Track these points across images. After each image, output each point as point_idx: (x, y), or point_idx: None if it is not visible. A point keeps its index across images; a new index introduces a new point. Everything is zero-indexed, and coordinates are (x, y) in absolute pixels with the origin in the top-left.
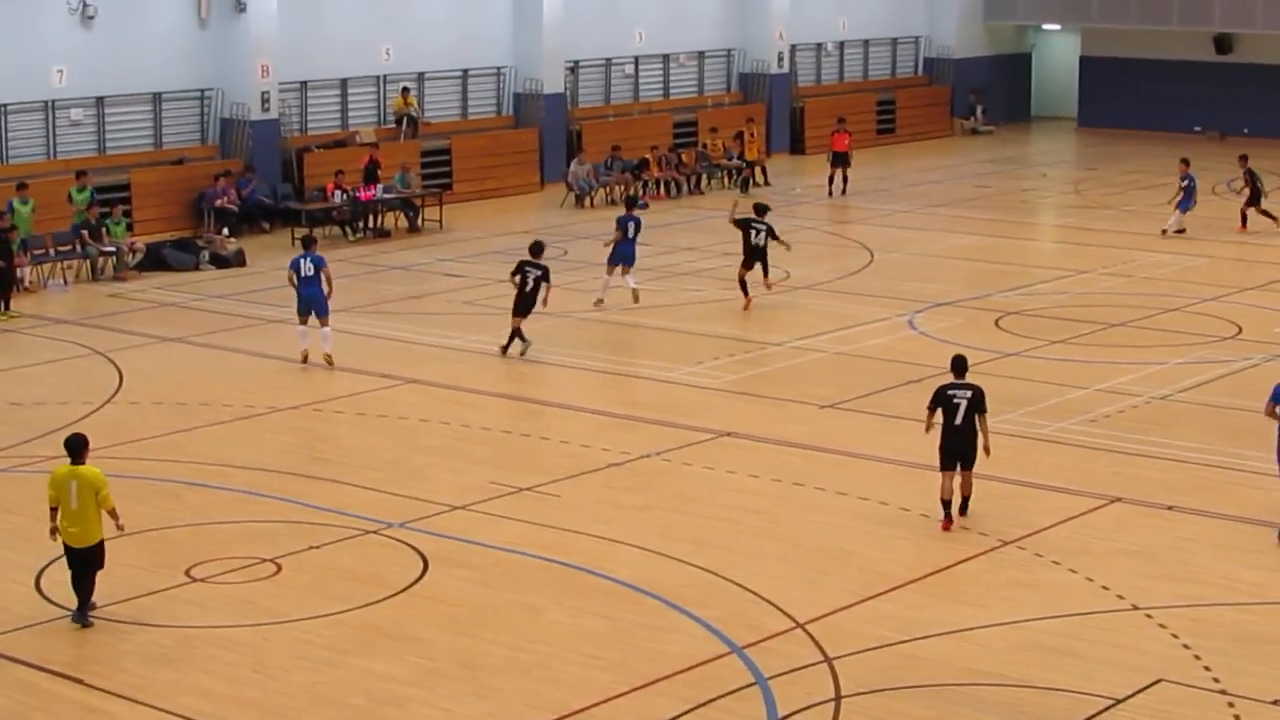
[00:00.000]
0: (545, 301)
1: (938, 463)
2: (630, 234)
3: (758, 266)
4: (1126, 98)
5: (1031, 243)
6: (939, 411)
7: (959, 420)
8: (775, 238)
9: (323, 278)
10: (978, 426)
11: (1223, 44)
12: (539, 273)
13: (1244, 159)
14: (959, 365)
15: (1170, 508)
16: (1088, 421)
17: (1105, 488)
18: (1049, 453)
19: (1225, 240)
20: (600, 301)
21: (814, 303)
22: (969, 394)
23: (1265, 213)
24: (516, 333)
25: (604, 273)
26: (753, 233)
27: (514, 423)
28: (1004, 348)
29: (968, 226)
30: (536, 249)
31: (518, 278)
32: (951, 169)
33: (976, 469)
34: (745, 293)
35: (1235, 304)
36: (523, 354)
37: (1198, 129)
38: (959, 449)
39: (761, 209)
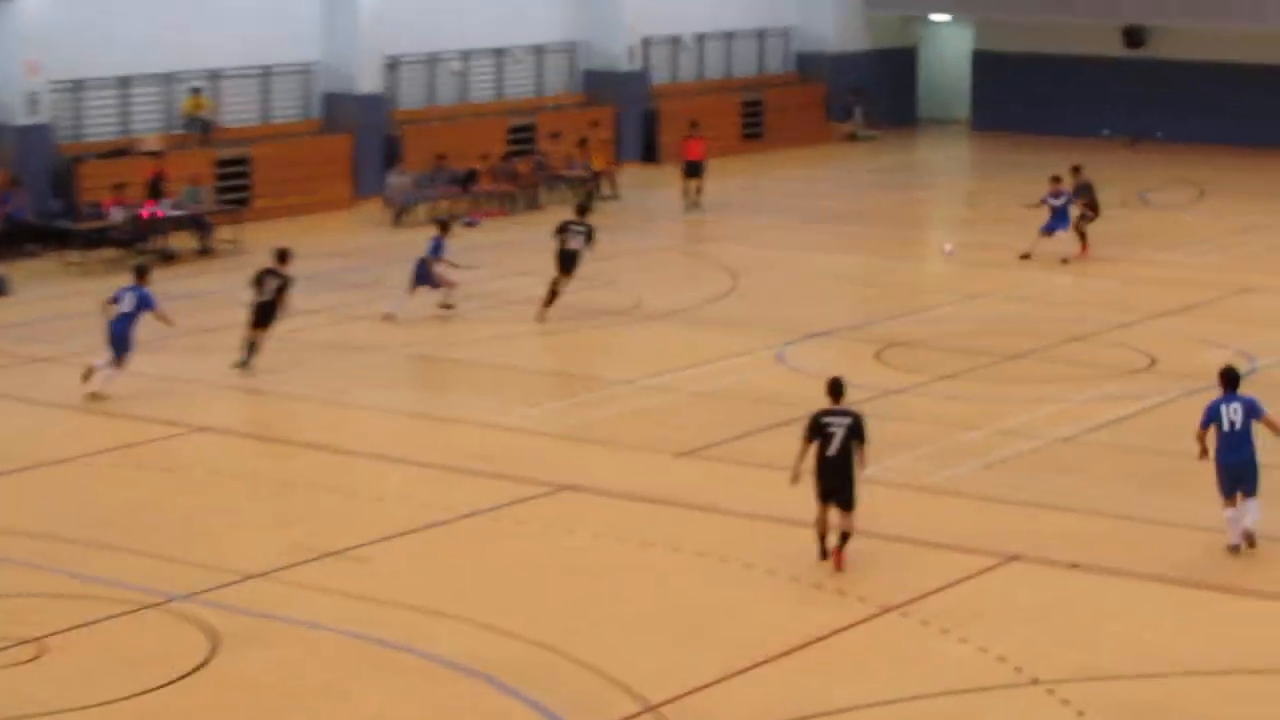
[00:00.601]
0: (284, 312)
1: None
2: (433, 252)
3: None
4: (1026, 98)
5: (919, 264)
6: (812, 448)
7: (833, 450)
8: (590, 241)
9: (144, 318)
10: (855, 459)
11: (1134, 37)
12: (280, 282)
13: (1078, 170)
14: (836, 389)
15: (1075, 566)
16: (981, 468)
17: (1001, 544)
18: (937, 505)
19: (1138, 260)
20: (390, 315)
21: (668, 333)
22: (846, 420)
23: (1081, 233)
24: (252, 346)
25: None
26: (570, 235)
27: (319, 476)
28: (887, 384)
29: (846, 245)
30: (281, 256)
31: (258, 287)
32: (828, 180)
33: (856, 522)
34: (549, 302)
35: (1149, 332)
36: (243, 365)
37: (1105, 133)
38: (834, 484)
39: (583, 207)
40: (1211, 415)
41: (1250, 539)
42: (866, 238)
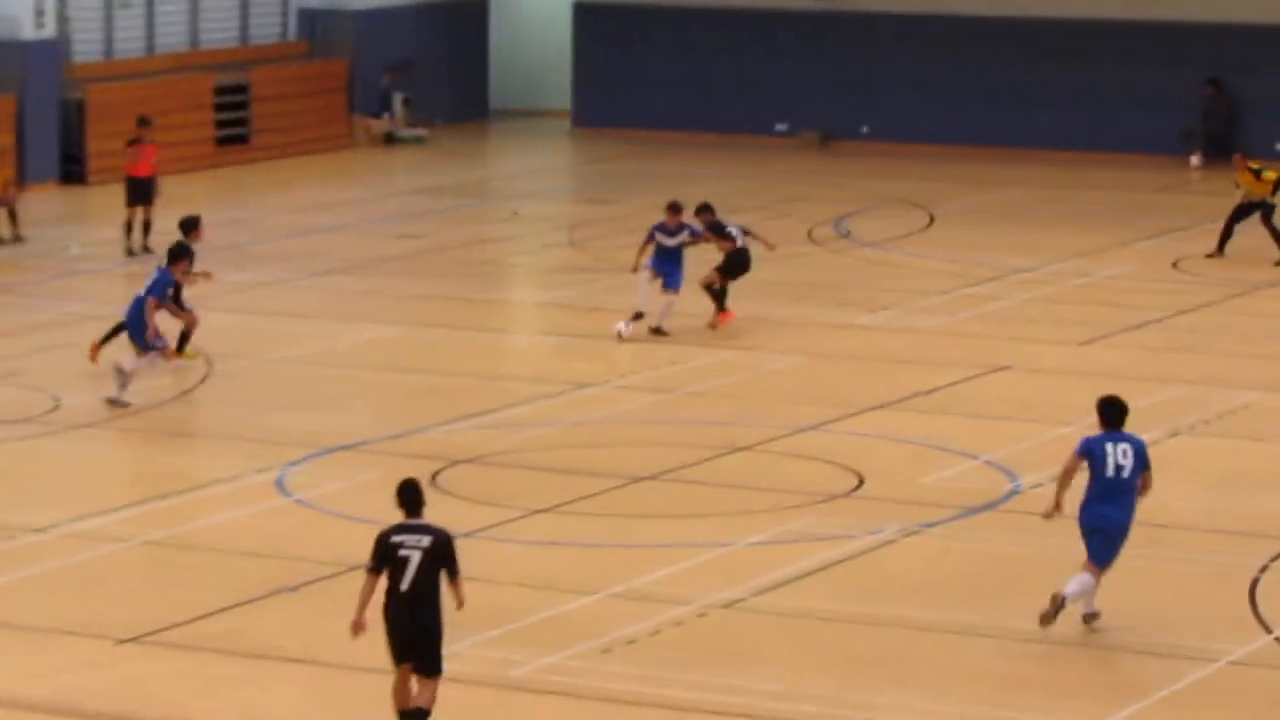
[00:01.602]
0: None
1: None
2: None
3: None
4: (657, 77)
5: (496, 336)
6: (382, 582)
7: (407, 584)
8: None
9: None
10: (445, 592)
11: None
12: None
13: (706, 210)
14: (409, 496)
15: None
16: (598, 652)
17: None
18: (527, 711)
19: (834, 324)
20: None
21: (103, 450)
22: (425, 541)
23: (714, 293)
24: None
25: None
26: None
27: None
28: (450, 520)
29: (381, 309)
30: None
31: None
32: (352, 205)
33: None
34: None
35: (851, 437)
36: None
37: (781, 128)
38: (411, 633)
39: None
40: (1091, 453)
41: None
42: (413, 297)
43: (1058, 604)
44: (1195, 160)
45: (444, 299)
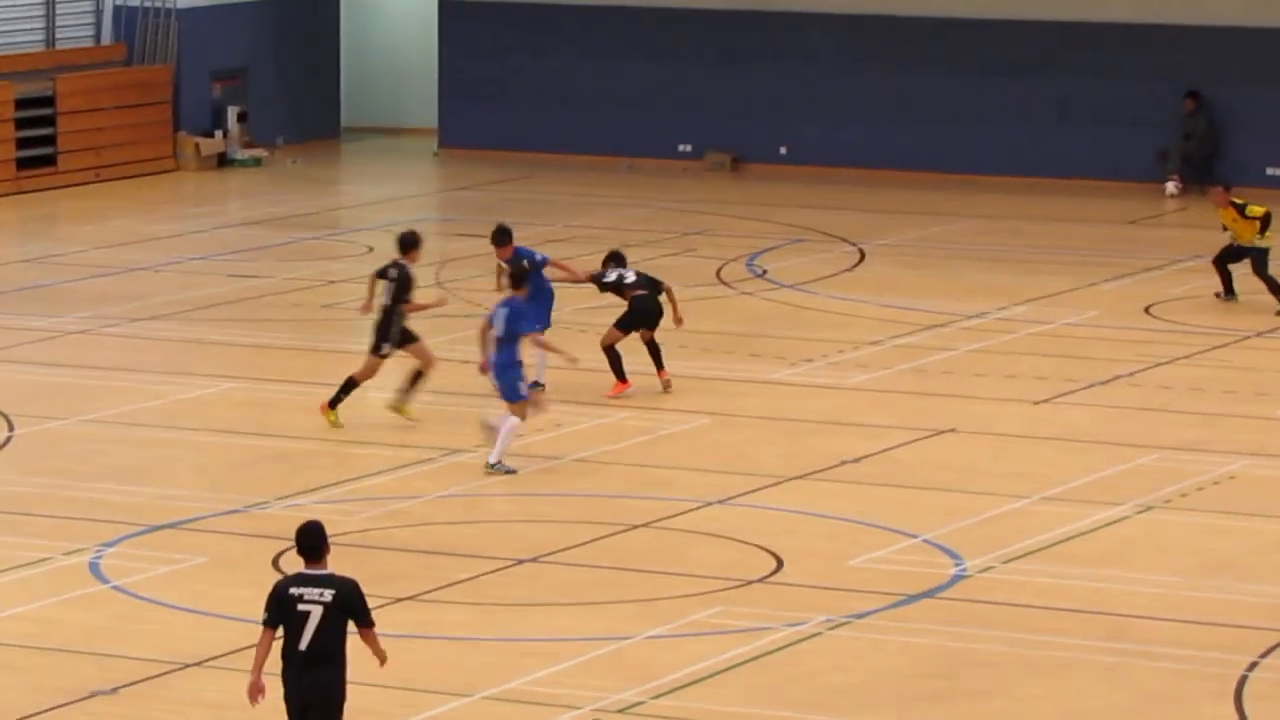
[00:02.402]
0: None
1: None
2: None
3: None
4: (540, 91)
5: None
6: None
7: (306, 642)
8: None
9: None
10: (353, 650)
11: None
12: None
13: (615, 260)
14: (310, 543)
15: None
16: None
17: None
18: None
19: (751, 376)
20: None
21: None
22: (328, 595)
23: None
24: None
25: None
26: None
27: None
28: None
29: (212, 361)
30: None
31: None
32: (175, 241)
33: None
34: None
35: (767, 511)
36: None
37: (685, 150)
38: (309, 697)
39: None
40: None
41: None
42: (249, 348)
43: None
44: (1172, 187)
45: (285, 350)
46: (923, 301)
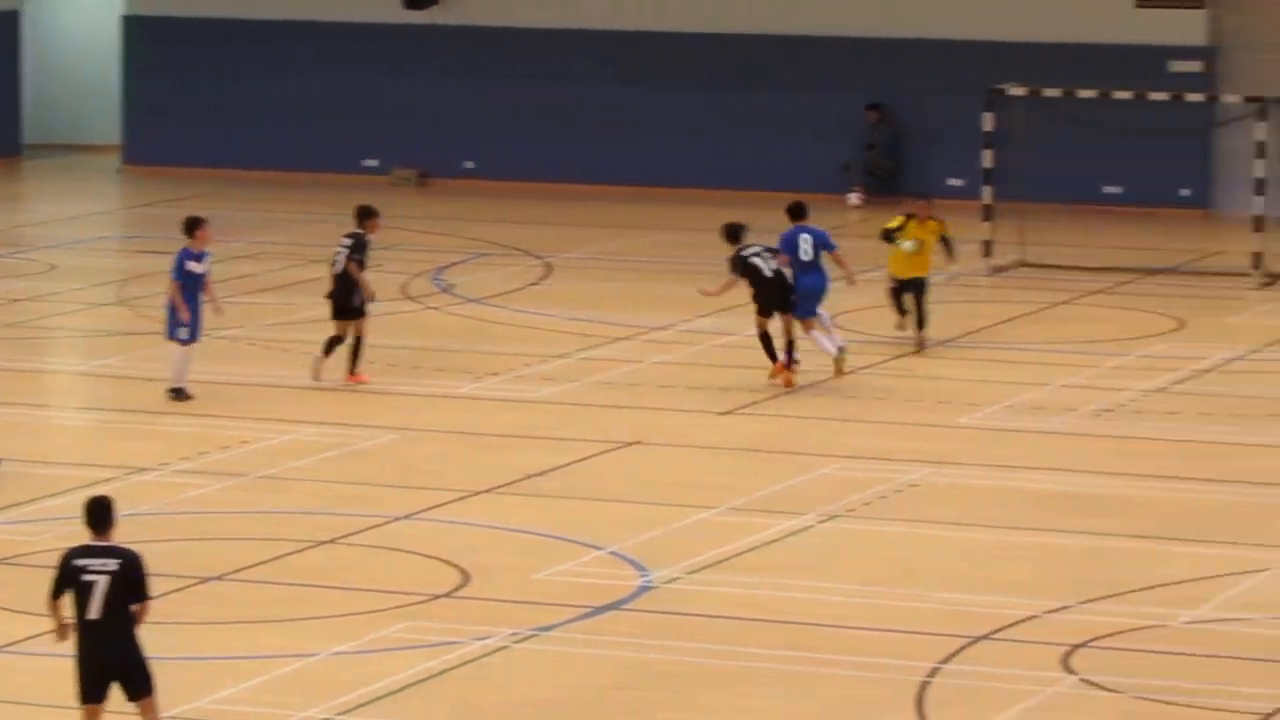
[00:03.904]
0: None
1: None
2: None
3: None
4: (226, 106)
5: (30, 412)
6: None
7: (96, 612)
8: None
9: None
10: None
11: None
12: None
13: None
14: (97, 515)
15: None
16: None
17: None
18: None
19: (430, 397)
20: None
21: None
22: (112, 565)
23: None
24: None
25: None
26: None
27: None
28: None
29: None
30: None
31: None
32: None
33: None
34: None
35: (453, 525)
36: None
37: (371, 164)
38: (113, 661)
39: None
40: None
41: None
42: None
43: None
44: (855, 198)
45: None
46: (608, 314)
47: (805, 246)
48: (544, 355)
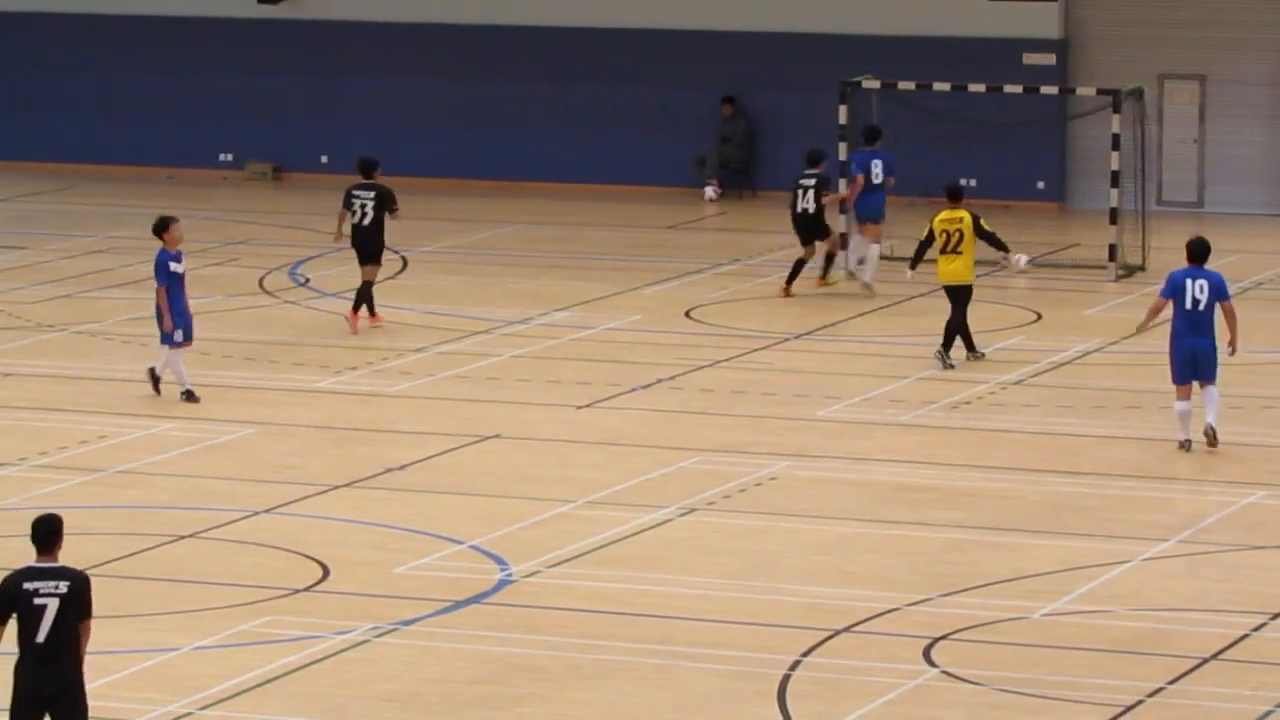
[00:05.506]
0: None
1: None
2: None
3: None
4: (75, 100)
5: None
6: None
7: (44, 635)
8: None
9: None
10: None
11: None
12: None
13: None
14: (44, 534)
15: None
16: None
17: None
18: None
19: (287, 391)
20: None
21: None
22: (62, 587)
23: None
24: None
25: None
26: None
27: None
28: None
29: None
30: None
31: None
32: None
33: None
34: None
35: (312, 520)
36: None
37: (226, 159)
38: (52, 688)
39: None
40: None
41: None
42: None
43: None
44: (710, 192)
45: None
46: (466, 308)
47: (876, 170)
48: (401, 349)
